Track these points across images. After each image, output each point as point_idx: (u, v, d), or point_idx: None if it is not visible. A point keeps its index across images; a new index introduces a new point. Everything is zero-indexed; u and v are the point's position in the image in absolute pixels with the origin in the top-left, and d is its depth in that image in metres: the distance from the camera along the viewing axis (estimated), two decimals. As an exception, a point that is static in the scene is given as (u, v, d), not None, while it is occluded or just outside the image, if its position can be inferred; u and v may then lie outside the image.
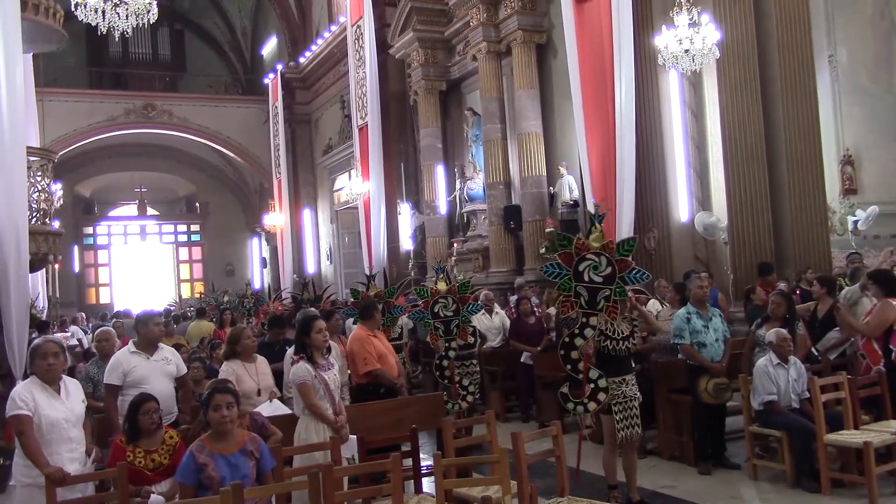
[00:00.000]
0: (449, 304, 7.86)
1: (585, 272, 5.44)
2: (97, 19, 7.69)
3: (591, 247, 5.46)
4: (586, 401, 5.52)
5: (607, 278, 5.46)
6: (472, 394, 7.87)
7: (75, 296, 29.31)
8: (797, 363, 6.38)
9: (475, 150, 15.89)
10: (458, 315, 7.85)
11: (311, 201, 25.06)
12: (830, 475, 5.88)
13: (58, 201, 14.14)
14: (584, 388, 5.52)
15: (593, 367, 5.52)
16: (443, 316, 7.85)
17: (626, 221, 10.73)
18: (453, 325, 7.85)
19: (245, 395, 5.59)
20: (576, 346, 5.48)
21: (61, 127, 23.57)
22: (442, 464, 4.33)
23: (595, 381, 5.50)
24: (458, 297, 7.89)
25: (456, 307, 7.86)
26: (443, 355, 7.88)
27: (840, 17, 13.30)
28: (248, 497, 3.70)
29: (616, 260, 5.48)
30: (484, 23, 14.22)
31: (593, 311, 5.45)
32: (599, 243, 5.48)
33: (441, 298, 7.89)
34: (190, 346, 10.26)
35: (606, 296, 5.43)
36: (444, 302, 7.87)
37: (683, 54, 9.41)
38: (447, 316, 7.84)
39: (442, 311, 7.85)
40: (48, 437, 4.53)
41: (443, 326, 7.86)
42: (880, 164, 13.28)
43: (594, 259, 5.44)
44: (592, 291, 5.45)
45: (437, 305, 7.86)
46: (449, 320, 7.84)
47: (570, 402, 5.60)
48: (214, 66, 31.23)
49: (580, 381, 5.52)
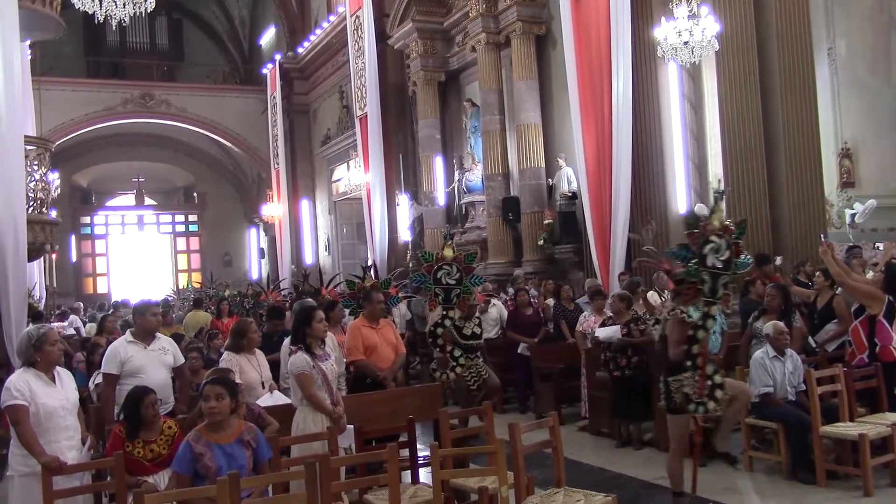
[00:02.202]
0: (453, 271, 7.66)
1: (709, 255, 4.94)
2: (94, 8, 7.66)
3: (714, 228, 4.95)
4: (705, 399, 5.07)
5: (726, 263, 4.97)
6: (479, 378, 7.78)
7: (72, 285, 29.31)
8: (793, 356, 6.40)
9: (474, 142, 15.87)
10: (460, 284, 7.66)
11: (310, 192, 25.04)
12: (826, 467, 5.90)
13: (55, 191, 14.11)
14: (702, 386, 5.10)
15: (710, 363, 5.14)
16: (445, 283, 7.66)
17: (622, 213, 10.77)
18: (454, 294, 7.66)
19: (249, 386, 5.61)
20: (698, 339, 5.02)
21: (58, 116, 23.49)
22: (438, 454, 4.34)
23: (712, 378, 5.08)
24: (463, 267, 7.70)
25: (459, 276, 7.66)
26: (438, 322, 7.72)
27: (839, 10, 13.28)
28: (244, 487, 3.71)
29: (732, 243, 4.98)
30: (483, 14, 14.18)
31: (713, 300, 4.97)
32: (720, 222, 4.99)
33: (445, 265, 7.69)
34: (188, 335, 10.27)
35: (726, 283, 4.97)
36: (448, 269, 7.67)
37: (683, 46, 9.42)
38: (449, 284, 7.65)
39: (445, 279, 7.66)
40: (46, 426, 4.54)
41: (443, 294, 7.68)
42: (878, 158, 13.28)
43: (717, 241, 4.94)
44: (714, 278, 4.95)
45: (441, 272, 7.67)
46: (450, 288, 7.66)
47: (691, 404, 5.14)
48: (212, 56, 31.13)
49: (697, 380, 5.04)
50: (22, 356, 4.70)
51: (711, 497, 5.77)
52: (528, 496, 4.47)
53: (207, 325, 11.11)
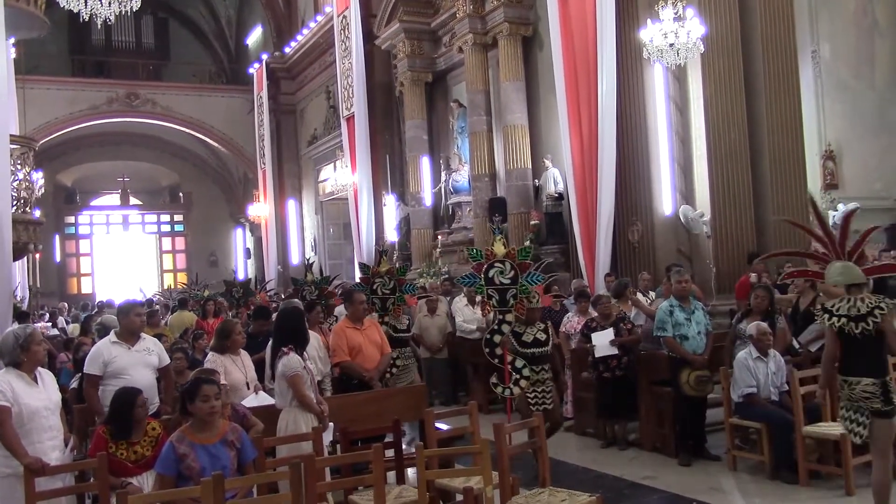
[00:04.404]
0: (506, 269, 6.87)
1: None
2: (79, 6, 7.62)
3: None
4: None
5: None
6: (542, 403, 6.49)
7: (56, 286, 29.05)
8: (776, 356, 6.45)
9: (461, 142, 15.88)
10: (515, 283, 6.85)
11: (296, 192, 24.97)
12: (808, 466, 5.96)
13: (39, 190, 14.02)
14: None
15: None
16: (498, 283, 6.86)
17: (606, 214, 10.82)
18: (510, 295, 6.82)
19: (234, 387, 5.60)
20: None
21: (42, 115, 23.31)
22: (424, 454, 4.34)
23: None
24: (518, 264, 6.90)
25: (514, 274, 6.85)
26: (495, 329, 6.89)
27: (823, 13, 13.36)
28: (228, 487, 3.70)
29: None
30: (470, 14, 14.19)
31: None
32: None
33: (497, 262, 6.90)
34: (172, 336, 10.20)
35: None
36: (501, 267, 6.88)
37: (668, 48, 9.47)
38: (503, 284, 6.85)
39: (497, 278, 6.87)
40: (29, 426, 4.51)
41: (497, 295, 6.88)
42: (861, 160, 13.37)
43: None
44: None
45: (493, 270, 6.90)
46: (505, 289, 6.86)
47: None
48: (199, 56, 30.96)
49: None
50: (7, 357, 4.65)
51: (695, 497, 5.81)
52: (513, 496, 4.49)
53: (192, 325, 11.05)
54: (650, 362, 7.34)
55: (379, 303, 7.95)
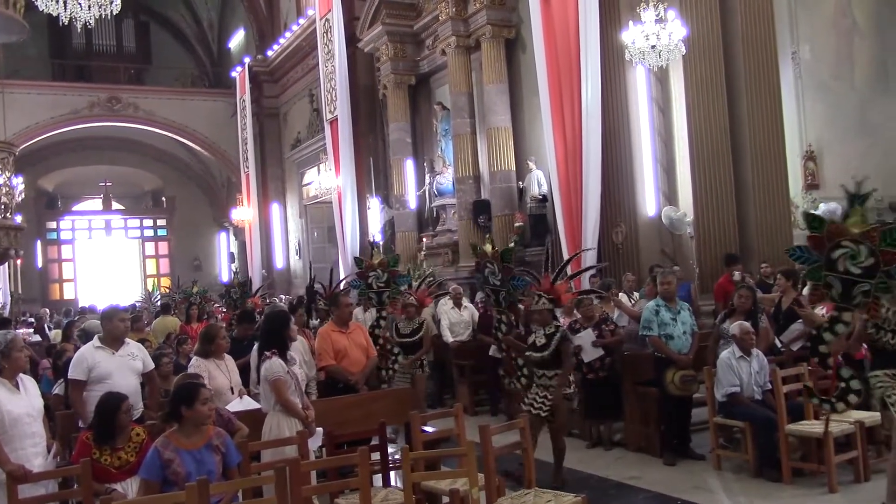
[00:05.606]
0: (496, 271, 7.20)
1: (840, 261, 4.54)
2: (58, 9, 7.56)
3: (847, 232, 4.55)
4: (834, 400, 4.81)
5: (867, 270, 4.51)
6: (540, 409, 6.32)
7: (38, 292, 28.82)
8: (759, 355, 6.50)
9: (444, 145, 15.88)
10: (504, 286, 7.19)
11: (280, 196, 24.88)
12: (792, 464, 6.00)
13: (19, 195, 13.88)
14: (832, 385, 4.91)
15: (845, 367, 4.87)
16: (491, 283, 7.25)
17: (592, 216, 10.85)
18: (501, 297, 7.24)
19: (218, 392, 5.58)
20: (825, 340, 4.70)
21: (23, 120, 23.11)
22: (409, 457, 4.34)
23: (847, 381, 4.77)
24: (503, 267, 7.18)
25: (502, 277, 7.16)
26: (496, 326, 7.37)
27: (803, 15, 13.48)
28: (213, 492, 3.69)
29: (881, 251, 4.52)
30: (453, 17, 14.21)
31: (847, 307, 4.61)
32: (860, 229, 4.52)
33: (488, 263, 7.24)
34: (156, 341, 10.14)
35: (865, 290, 4.55)
36: (492, 268, 7.21)
37: (650, 50, 9.52)
38: (495, 285, 7.23)
39: (491, 279, 7.22)
40: (11, 433, 4.47)
41: (493, 295, 7.26)
42: (842, 160, 13.48)
43: (852, 247, 4.51)
44: (847, 283, 4.57)
45: (487, 270, 7.28)
46: (497, 290, 7.23)
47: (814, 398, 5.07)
48: (181, 59, 30.80)
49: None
50: (-12, 363, 4.61)
51: (680, 496, 5.84)
52: (500, 497, 4.49)
53: (176, 330, 10.99)
54: (635, 363, 7.38)
55: (375, 297, 7.85)
